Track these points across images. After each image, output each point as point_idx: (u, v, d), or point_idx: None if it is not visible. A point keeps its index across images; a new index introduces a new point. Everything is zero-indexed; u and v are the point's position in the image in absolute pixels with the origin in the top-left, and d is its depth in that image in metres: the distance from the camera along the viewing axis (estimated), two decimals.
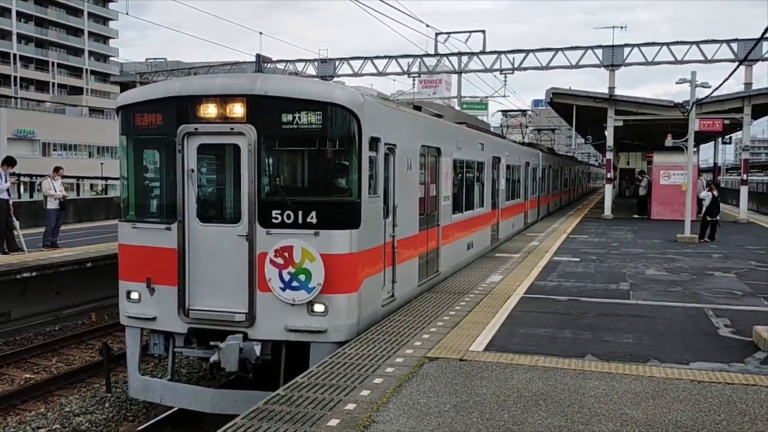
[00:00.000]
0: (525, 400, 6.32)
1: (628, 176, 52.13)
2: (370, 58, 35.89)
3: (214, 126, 8.50)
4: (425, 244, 11.56)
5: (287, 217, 8.28)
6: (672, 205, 27.70)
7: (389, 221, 9.58)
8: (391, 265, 9.70)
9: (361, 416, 5.83)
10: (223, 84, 8.66)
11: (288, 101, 8.31)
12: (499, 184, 18.77)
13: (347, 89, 8.98)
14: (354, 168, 8.46)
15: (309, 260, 8.09)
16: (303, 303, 8.22)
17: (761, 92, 28.17)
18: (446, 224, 12.89)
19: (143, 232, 8.98)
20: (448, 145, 13.00)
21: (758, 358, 7.83)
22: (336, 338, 8.29)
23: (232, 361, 8.19)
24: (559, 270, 14.42)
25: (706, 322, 9.66)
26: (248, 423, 5.72)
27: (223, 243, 8.50)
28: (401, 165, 10.02)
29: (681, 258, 16.60)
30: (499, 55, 34.02)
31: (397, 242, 9.85)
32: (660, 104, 29.45)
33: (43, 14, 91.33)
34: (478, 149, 16.04)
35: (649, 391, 6.62)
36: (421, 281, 11.34)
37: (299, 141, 8.57)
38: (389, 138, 9.41)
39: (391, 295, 9.79)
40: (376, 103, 9.24)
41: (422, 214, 11.32)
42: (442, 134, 12.89)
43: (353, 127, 8.38)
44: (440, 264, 12.54)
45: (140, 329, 9.23)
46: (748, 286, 12.63)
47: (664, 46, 31.05)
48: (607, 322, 9.62)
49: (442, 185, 12.55)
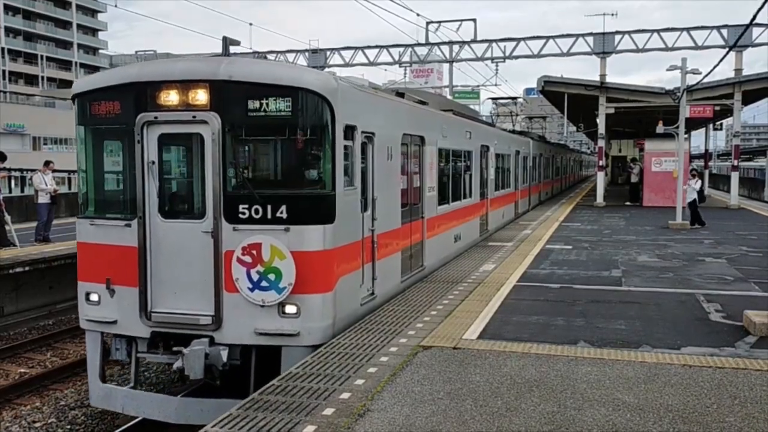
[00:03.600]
0: (518, 386, 6.38)
1: (621, 164, 52.28)
2: (360, 48, 35.79)
3: (176, 114, 7.90)
4: (408, 238, 11.09)
5: (255, 211, 7.73)
6: (664, 191, 27.85)
7: (368, 215, 9.10)
8: (370, 261, 9.22)
9: (355, 405, 5.87)
10: (185, 68, 8.04)
11: (255, 86, 7.74)
12: (488, 174, 18.30)
13: (319, 73, 8.38)
14: (327, 158, 7.93)
15: (279, 258, 7.54)
16: (273, 304, 7.67)
17: (751, 78, 28.28)
18: (431, 216, 12.43)
19: (102, 229, 8.41)
20: (433, 134, 12.55)
21: (748, 342, 7.92)
22: (309, 341, 7.77)
23: (197, 367, 7.60)
24: (551, 258, 14.48)
25: (697, 308, 9.74)
26: (243, 413, 5.75)
27: (187, 240, 7.94)
28: (381, 155, 9.52)
29: (673, 244, 16.71)
30: (490, 44, 33.97)
31: (377, 237, 9.39)
32: (651, 91, 29.53)
33: (31, 7, 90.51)
34: (465, 138, 15.58)
35: (641, 376, 6.69)
36: (404, 277, 10.88)
37: (267, 129, 8.01)
38: (367, 126, 8.91)
39: (371, 293, 9.29)
40: (351, 89, 8.71)
41: (405, 207, 10.84)
42: (426, 122, 12.39)
43: (326, 114, 7.85)
44: (425, 258, 12.08)
45: (101, 333, 8.68)
46: (738, 272, 12.73)
47: (654, 33, 31.08)
48: (600, 308, 9.69)
49: (426, 176, 12.08)
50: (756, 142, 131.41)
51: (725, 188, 39.90)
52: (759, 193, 44.66)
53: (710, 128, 41.86)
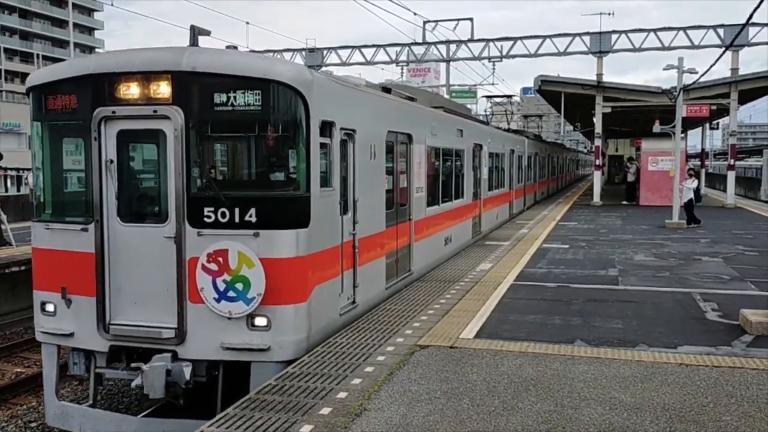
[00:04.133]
0: (515, 385, 6.38)
1: (617, 163, 52.35)
2: (358, 47, 35.76)
3: (136, 108, 7.29)
4: (394, 242, 10.56)
5: (222, 215, 7.12)
6: (660, 191, 27.91)
7: (348, 218, 8.58)
8: (351, 267, 8.69)
9: (352, 404, 5.87)
10: (146, 59, 7.39)
11: (221, 78, 7.14)
12: (481, 173, 17.76)
13: (292, 65, 7.67)
14: (301, 157, 7.33)
15: (247, 266, 6.98)
16: (241, 316, 7.10)
17: (747, 77, 28.33)
18: (419, 218, 11.88)
19: (58, 234, 7.77)
20: (421, 131, 11.97)
21: (744, 341, 7.93)
22: (281, 356, 7.19)
23: (157, 386, 7.00)
24: (548, 257, 14.49)
25: (693, 307, 9.76)
26: (240, 413, 5.75)
27: (148, 246, 7.34)
28: (363, 153, 9.00)
29: (669, 243, 16.73)
30: (487, 43, 33.97)
31: (359, 241, 8.85)
32: (648, 90, 29.58)
33: (27, 6, 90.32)
34: (456, 136, 14.97)
35: (638, 375, 6.70)
36: (389, 283, 10.30)
37: (235, 125, 7.49)
38: (347, 122, 8.40)
39: (351, 301, 8.76)
40: (328, 82, 8.16)
41: (390, 208, 10.31)
42: (414, 119, 11.79)
43: (299, 109, 7.26)
44: (413, 262, 11.54)
45: (57, 347, 8.05)
46: (735, 271, 12.76)
47: (651, 32, 31.10)
48: (596, 307, 9.70)
49: (414, 175, 11.50)
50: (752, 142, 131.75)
51: (721, 187, 39.98)
52: (755, 192, 44.78)
53: (707, 127, 41.93)
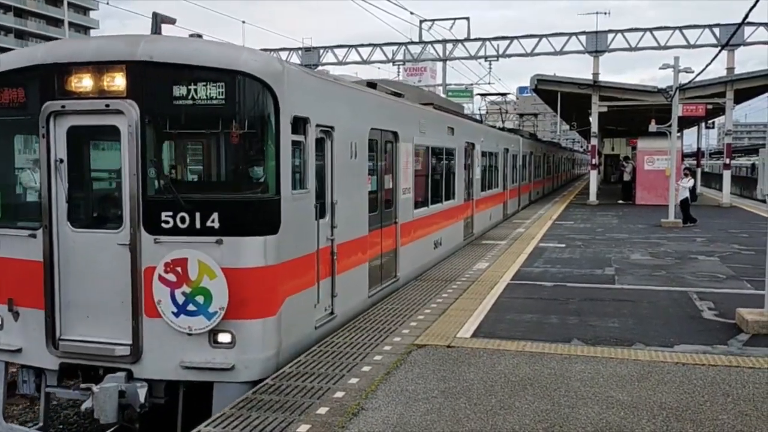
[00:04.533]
0: (512, 384, 6.39)
1: (613, 162, 52.45)
2: (354, 46, 35.78)
3: (87, 103, 6.63)
4: (378, 246, 9.94)
5: (181, 220, 6.48)
6: (656, 190, 27.96)
7: (326, 222, 7.94)
8: (329, 275, 8.06)
9: (350, 404, 5.87)
10: (98, 47, 6.75)
11: (181, 69, 6.50)
12: (474, 173, 17.15)
13: (259, 54, 6.98)
14: (270, 156, 6.70)
15: (208, 276, 6.36)
16: (202, 332, 6.45)
17: (743, 77, 28.41)
18: (406, 221, 11.26)
19: (5, 241, 7.11)
20: (408, 129, 11.35)
21: (741, 340, 7.95)
22: (246, 377, 6.55)
23: (108, 409, 6.35)
24: (545, 256, 14.51)
25: (690, 306, 9.78)
26: (237, 412, 5.74)
27: (101, 254, 6.69)
28: (342, 152, 8.42)
29: (665, 242, 16.76)
30: (483, 42, 34.03)
31: (338, 247, 8.22)
32: (644, 90, 29.64)
33: (23, 5, 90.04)
34: (447, 134, 14.32)
35: (635, 374, 6.71)
36: (372, 291, 9.71)
37: (196, 121, 6.78)
38: (324, 118, 7.77)
39: (329, 312, 8.15)
40: (301, 74, 7.49)
41: (374, 211, 9.72)
42: (400, 116, 11.12)
43: (267, 104, 6.64)
44: (399, 268, 10.94)
45: (5, 363, 7.42)
46: (731, 270, 12.79)
47: (647, 31, 31.19)
48: (593, 306, 9.71)
49: (400, 176, 10.86)
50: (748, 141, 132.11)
51: (717, 186, 40.06)
52: (751, 192, 44.88)
53: (702, 127, 42.04)
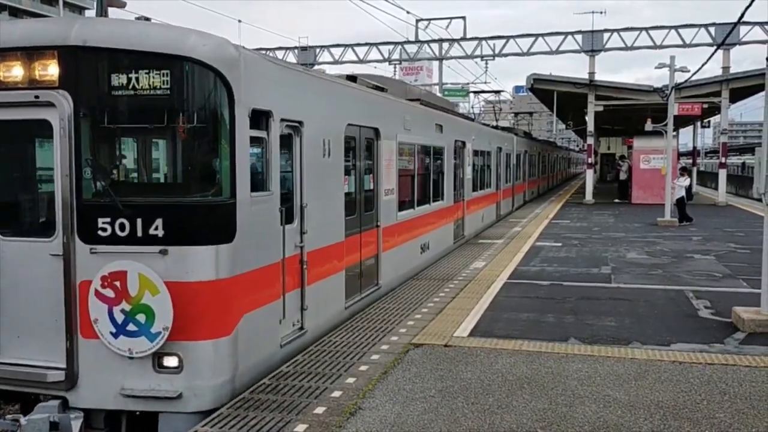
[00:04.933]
0: (509, 384, 6.39)
1: (609, 161, 52.52)
2: (350, 45, 35.78)
3: (14, 94, 5.89)
4: (356, 252, 9.27)
5: (120, 227, 5.76)
6: (652, 189, 28.01)
7: (293, 227, 7.23)
8: (297, 286, 7.34)
9: (347, 403, 5.86)
10: (27, 32, 6.03)
11: (119, 55, 5.76)
12: (464, 173, 16.42)
13: (211, 37, 6.07)
14: (223, 154, 5.97)
15: (150, 292, 5.64)
16: (145, 355, 5.72)
17: (739, 76, 28.49)
18: (389, 225, 10.58)
19: None
20: (391, 126, 10.65)
21: (737, 338, 7.97)
22: (196, 406, 5.84)
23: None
24: (541, 255, 14.52)
25: (686, 304, 9.79)
26: (234, 412, 5.72)
27: (32, 266, 5.96)
28: (313, 150, 7.68)
29: (661, 241, 16.79)
30: (479, 42, 34.06)
31: (308, 255, 7.50)
32: (639, 89, 29.71)
33: (18, 4, 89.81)
34: (435, 131, 13.64)
35: (631, 372, 6.71)
36: (350, 301, 9.00)
37: (139, 114, 6.00)
38: (290, 113, 7.07)
39: (298, 327, 7.42)
40: (261, 61, 6.71)
41: (351, 214, 9.03)
42: (382, 111, 10.40)
43: (220, 94, 5.92)
44: (381, 275, 10.27)
45: None
46: (727, 268, 12.81)
47: (643, 30, 31.24)
48: (590, 305, 9.72)
49: (382, 176, 10.18)
50: (743, 140, 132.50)
51: (713, 185, 40.19)
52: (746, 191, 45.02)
53: (698, 126, 42.13)
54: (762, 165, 8.30)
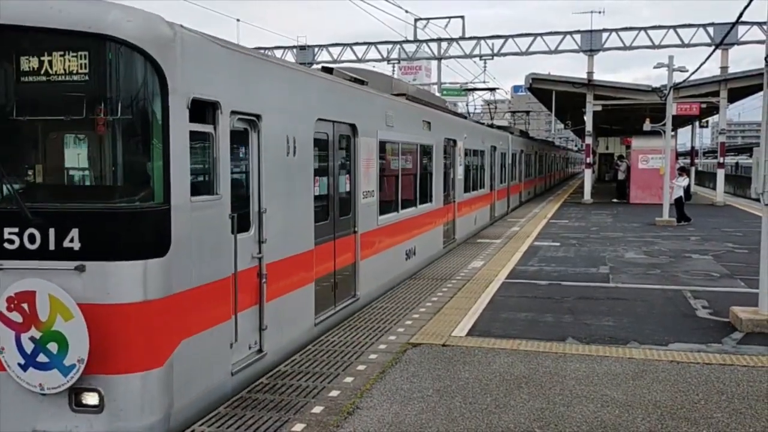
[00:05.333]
0: (507, 383, 6.39)
1: (608, 161, 52.53)
2: (349, 44, 35.77)
3: None
4: (330, 262, 8.47)
5: (30, 239, 4.91)
6: (650, 189, 28.05)
7: (249, 236, 6.30)
8: (254, 303, 6.42)
9: (345, 403, 5.85)
10: None
11: (28, 33, 4.88)
12: (455, 173, 15.65)
13: (139, 13, 5.07)
14: (155, 151, 5.07)
15: (63, 317, 4.78)
16: (59, 391, 4.86)
17: (737, 76, 28.51)
18: (369, 230, 9.78)
19: None
20: (371, 122, 9.80)
21: (735, 338, 7.97)
22: None
23: None
24: (539, 255, 14.52)
25: (684, 304, 9.80)
26: (232, 411, 5.71)
27: None
28: (275, 148, 6.77)
29: (659, 241, 16.81)
30: (478, 41, 34.07)
31: (268, 267, 6.60)
32: (638, 89, 29.73)
33: None
34: (422, 129, 12.78)
35: (629, 372, 6.72)
36: (321, 316, 8.11)
37: (52, 104, 5.12)
38: (244, 104, 6.16)
39: (255, 350, 6.45)
40: (205, 44, 5.65)
41: (323, 220, 8.21)
42: (360, 106, 9.52)
43: (150, 80, 5.00)
44: (359, 285, 9.41)
45: None
46: (725, 268, 12.82)
47: (641, 30, 31.27)
48: (588, 305, 9.72)
49: (360, 177, 9.32)
50: (741, 140, 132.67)
51: (711, 185, 40.25)
52: (744, 190, 45.10)
53: (696, 126, 42.17)
54: (760, 165, 8.31)
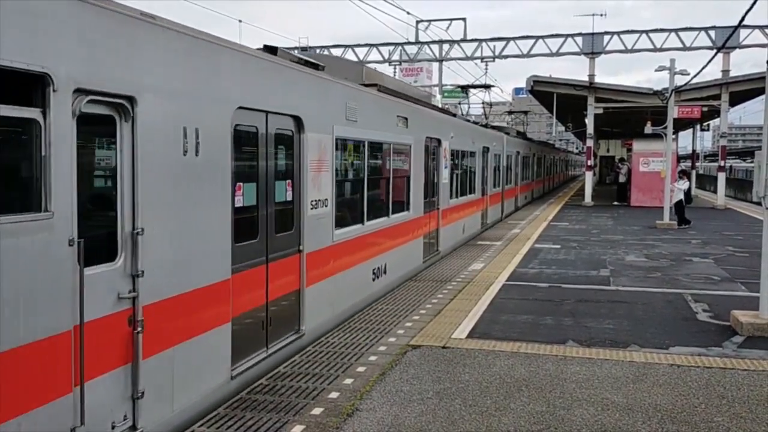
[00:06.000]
0: (507, 386, 6.37)
1: (609, 164, 52.50)
2: (350, 46, 35.80)
3: None
4: (258, 291, 6.69)
5: None
6: (651, 191, 28.05)
7: (114, 269, 4.67)
8: (123, 363, 4.74)
9: (344, 404, 5.84)
10: None
11: None
12: (439, 176, 14.07)
13: None
14: None
15: None
16: None
17: (738, 79, 28.51)
18: (320, 248, 8.03)
19: None
20: (323, 115, 8.06)
21: (735, 342, 7.96)
22: None
23: None
24: (540, 257, 14.51)
25: (684, 307, 9.78)
26: (231, 412, 5.70)
27: None
28: (161, 144, 5.08)
29: (660, 244, 16.79)
30: (480, 43, 34.08)
31: (148, 309, 4.93)
32: (639, 92, 29.73)
33: None
34: (395, 125, 10.99)
35: (630, 375, 6.70)
36: (242, 364, 6.39)
37: None
38: (104, 80, 4.48)
39: (126, 428, 4.81)
40: None
41: (248, 239, 6.46)
42: (307, 94, 7.67)
43: None
44: (306, 317, 7.65)
45: None
46: (725, 272, 12.81)
47: (643, 33, 31.28)
48: (588, 308, 9.71)
49: (306, 182, 7.56)
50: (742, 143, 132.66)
51: (711, 188, 40.25)
52: (745, 194, 45.11)
53: (697, 129, 42.17)
54: (762, 168, 8.30)
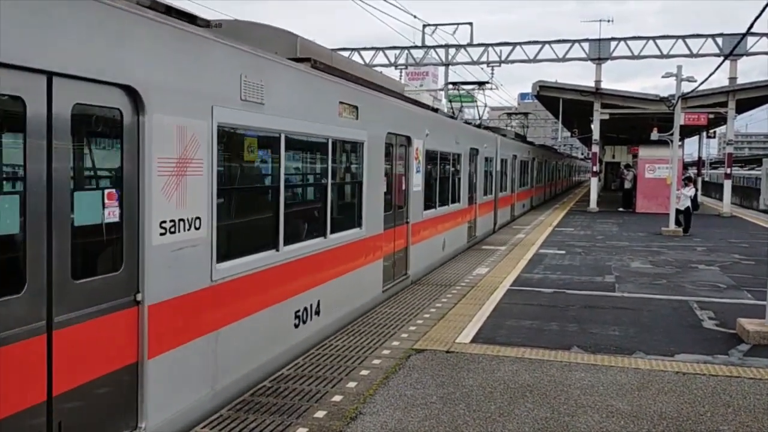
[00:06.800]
0: (511, 391, 6.34)
1: (614, 170, 52.37)
2: (357, 49, 35.78)
3: None
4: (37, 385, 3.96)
5: None
6: (657, 198, 27.99)
7: None
8: None
9: (347, 408, 5.82)
10: None
11: None
12: (410, 182, 11.65)
13: None
14: None
15: None
16: None
17: (745, 87, 28.44)
18: (182, 293, 5.28)
19: None
20: (189, 92, 5.34)
21: (741, 350, 7.91)
22: None
23: None
24: (545, 262, 14.46)
25: (690, 315, 9.73)
26: (234, 414, 5.69)
27: None
28: None
29: (666, 251, 16.73)
30: (486, 48, 34.03)
31: None
32: (646, 98, 29.68)
33: None
34: (335, 115, 8.34)
35: (635, 382, 6.66)
36: None
37: None
38: None
39: None
40: None
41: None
42: (156, 55, 4.91)
43: None
44: (147, 403, 4.88)
45: None
46: (731, 279, 12.74)
47: (650, 40, 31.19)
48: (593, 314, 9.66)
49: (151, 193, 4.87)
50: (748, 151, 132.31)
51: (717, 196, 40.11)
52: (751, 202, 44.93)
53: (704, 136, 42.07)
54: None
